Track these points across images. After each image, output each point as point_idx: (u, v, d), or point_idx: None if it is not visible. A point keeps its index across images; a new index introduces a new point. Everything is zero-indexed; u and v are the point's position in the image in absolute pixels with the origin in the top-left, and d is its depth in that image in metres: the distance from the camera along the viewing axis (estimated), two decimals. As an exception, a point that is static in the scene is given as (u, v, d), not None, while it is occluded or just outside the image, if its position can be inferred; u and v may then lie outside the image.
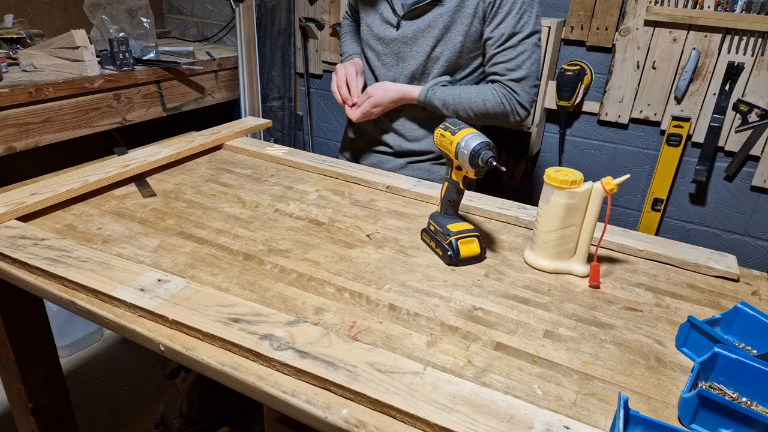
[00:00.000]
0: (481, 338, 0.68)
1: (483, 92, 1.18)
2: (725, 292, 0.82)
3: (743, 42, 1.58)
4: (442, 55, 1.19)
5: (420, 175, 1.29)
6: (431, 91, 1.19)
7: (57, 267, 0.73)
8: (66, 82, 1.59)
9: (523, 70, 1.15)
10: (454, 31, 1.16)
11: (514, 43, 1.14)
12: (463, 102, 1.19)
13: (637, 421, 0.53)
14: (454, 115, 1.20)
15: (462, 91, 1.19)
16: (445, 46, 1.18)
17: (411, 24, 1.19)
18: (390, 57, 1.25)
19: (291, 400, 0.56)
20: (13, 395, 1.01)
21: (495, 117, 1.20)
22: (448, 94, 1.19)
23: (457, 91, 1.19)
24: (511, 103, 1.18)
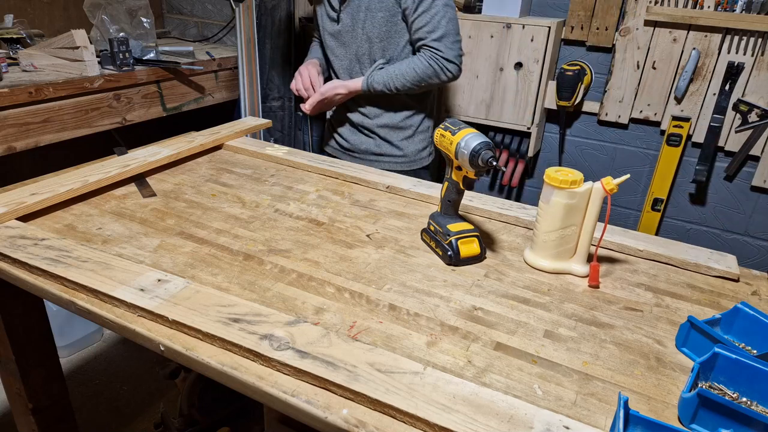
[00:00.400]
0: (481, 338, 0.68)
1: (412, 62, 1.33)
2: (725, 292, 0.82)
3: (743, 42, 1.58)
4: (372, 33, 1.35)
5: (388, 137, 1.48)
6: (370, 79, 1.36)
7: (57, 267, 0.73)
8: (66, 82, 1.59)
9: (440, 29, 1.29)
10: (374, 9, 1.32)
11: (426, 7, 1.28)
12: (399, 77, 1.33)
13: (637, 421, 0.53)
14: (397, 91, 1.36)
15: (395, 68, 1.34)
16: (372, 24, 1.34)
17: (346, 13, 1.37)
18: (340, 48, 1.43)
19: (291, 400, 0.56)
20: (13, 395, 1.01)
21: (430, 79, 1.33)
22: (385, 75, 1.34)
23: (391, 69, 1.34)
24: (438, 62, 1.31)
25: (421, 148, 1.50)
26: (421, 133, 1.49)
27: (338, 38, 1.42)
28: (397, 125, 1.46)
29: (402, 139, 1.47)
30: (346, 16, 1.38)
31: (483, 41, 1.81)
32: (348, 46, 1.41)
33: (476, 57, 1.84)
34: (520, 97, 1.83)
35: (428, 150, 1.53)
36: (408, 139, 1.47)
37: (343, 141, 1.53)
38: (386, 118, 1.45)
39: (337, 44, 1.44)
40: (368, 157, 1.50)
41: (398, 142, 1.47)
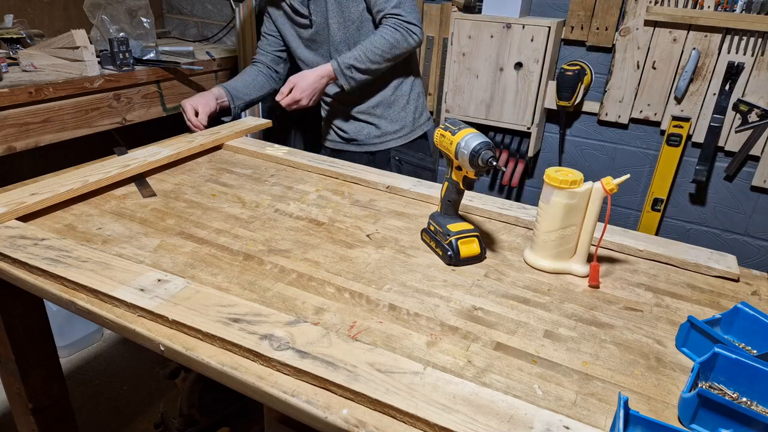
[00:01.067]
0: (481, 338, 0.68)
1: (378, 33, 1.35)
2: (725, 292, 0.82)
3: (743, 42, 1.58)
4: (347, 19, 1.37)
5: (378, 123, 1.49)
6: (341, 59, 1.34)
7: (57, 267, 0.73)
8: (66, 82, 1.59)
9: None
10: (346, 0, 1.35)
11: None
12: (370, 49, 1.33)
13: (637, 421, 0.53)
14: (370, 64, 1.34)
15: (363, 43, 1.34)
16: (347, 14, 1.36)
17: (316, 12, 1.39)
18: (322, 48, 1.44)
19: (291, 400, 0.56)
20: (13, 395, 1.01)
21: (399, 47, 1.34)
22: (357, 51, 1.34)
23: (360, 46, 1.34)
24: (403, 29, 1.33)
25: (418, 116, 1.52)
26: (414, 99, 1.51)
27: (315, 37, 1.42)
28: (390, 99, 1.47)
29: (398, 111, 1.48)
30: (316, 14, 1.38)
31: (483, 41, 1.81)
32: (326, 41, 1.41)
33: (476, 57, 1.84)
34: (520, 97, 1.83)
35: (425, 116, 1.55)
36: (404, 109, 1.49)
37: (343, 133, 1.53)
38: (379, 97, 1.46)
39: (315, 44, 1.44)
40: (371, 141, 1.50)
41: (396, 115, 1.49)
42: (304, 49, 1.47)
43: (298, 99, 1.33)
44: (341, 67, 1.33)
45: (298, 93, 1.33)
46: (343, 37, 1.39)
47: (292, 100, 1.33)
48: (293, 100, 1.33)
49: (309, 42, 1.45)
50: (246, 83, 1.51)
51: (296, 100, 1.33)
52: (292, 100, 1.33)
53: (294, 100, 1.33)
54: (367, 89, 1.43)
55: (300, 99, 1.33)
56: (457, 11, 1.87)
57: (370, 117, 1.49)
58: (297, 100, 1.33)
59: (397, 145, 1.51)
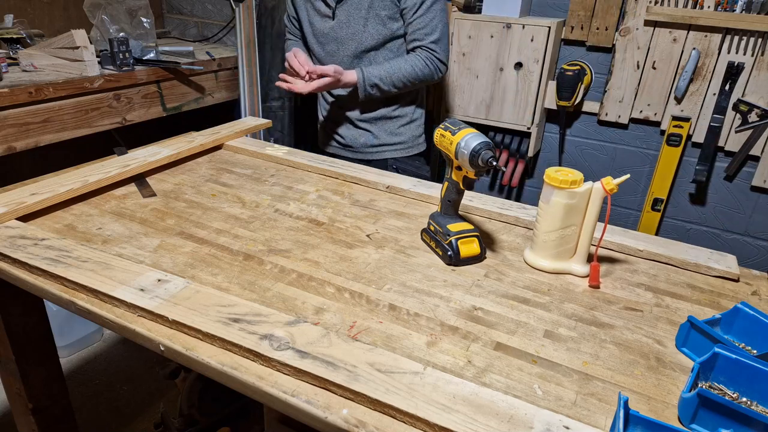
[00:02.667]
0: (481, 338, 0.68)
1: (410, 60, 1.36)
2: (725, 292, 0.82)
3: (743, 42, 1.58)
4: (374, 31, 1.36)
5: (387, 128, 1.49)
6: (367, 74, 1.35)
7: (57, 267, 0.73)
8: (66, 82, 1.59)
9: (437, 32, 1.35)
10: (377, 8, 1.34)
11: (424, 11, 1.33)
12: (397, 75, 1.35)
13: (637, 421, 0.53)
14: (392, 88, 1.37)
15: (392, 64, 1.36)
16: (374, 22, 1.36)
17: (342, 9, 1.37)
18: (332, 44, 1.42)
19: (291, 400, 0.56)
20: (13, 395, 1.01)
21: (425, 79, 1.38)
22: (382, 71, 1.35)
23: (388, 66, 1.36)
24: (433, 63, 1.37)
25: (417, 135, 1.53)
26: (417, 120, 1.52)
27: (332, 34, 1.41)
28: (392, 114, 1.47)
29: (399, 126, 1.49)
30: (342, 13, 1.38)
31: (483, 41, 1.80)
32: (344, 43, 1.40)
33: (476, 57, 1.84)
34: (520, 97, 1.83)
35: (424, 137, 1.56)
36: (405, 126, 1.49)
37: (341, 138, 1.53)
38: (382, 110, 1.47)
39: (330, 41, 1.42)
40: (367, 150, 1.51)
41: (395, 129, 1.49)
42: (315, 41, 1.46)
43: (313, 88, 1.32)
44: (366, 83, 1.34)
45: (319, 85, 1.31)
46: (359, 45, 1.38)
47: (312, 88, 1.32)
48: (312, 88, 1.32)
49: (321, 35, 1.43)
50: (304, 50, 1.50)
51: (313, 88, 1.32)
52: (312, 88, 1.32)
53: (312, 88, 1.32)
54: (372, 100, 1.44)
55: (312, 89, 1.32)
56: (457, 11, 1.87)
57: (369, 125, 1.49)
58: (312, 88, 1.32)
59: (392, 157, 1.51)
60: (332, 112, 1.53)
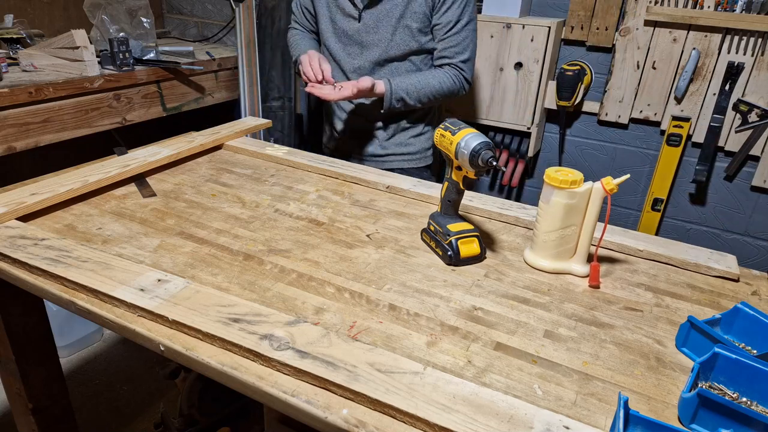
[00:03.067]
0: (481, 338, 0.68)
1: (438, 76, 1.34)
2: (725, 292, 0.82)
3: (743, 42, 1.58)
4: (401, 41, 1.32)
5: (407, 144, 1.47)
6: (395, 87, 1.31)
7: (57, 267, 0.72)
8: (66, 82, 1.59)
9: (467, 52, 1.34)
10: (408, 19, 1.30)
11: (458, 30, 1.31)
12: (425, 88, 1.32)
13: (637, 421, 0.53)
14: (417, 103, 1.34)
15: (420, 79, 1.33)
16: (402, 32, 1.32)
17: (371, 14, 1.32)
18: (354, 47, 1.37)
19: (291, 400, 0.56)
20: (13, 395, 1.01)
21: (449, 95, 1.37)
22: (409, 84, 1.32)
23: (415, 79, 1.32)
24: (460, 81, 1.36)
25: (427, 147, 1.50)
26: (427, 132, 1.49)
27: (354, 37, 1.36)
28: (404, 126, 1.45)
29: (410, 137, 1.46)
30: (370, 17, 1.32)
31: (483, 41, 1.80)
32: (368, 48, 1.35)
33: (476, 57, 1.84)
34: (520, 97, 1.83)
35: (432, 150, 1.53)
36: (415, 137, 1.47)
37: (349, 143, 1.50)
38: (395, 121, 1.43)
39: (352, 42, 1.37)
40: (374, 158, 1.48)
41: (406, 140, 1.46)
42: (335, 39, 1.39)
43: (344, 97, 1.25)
44: (392, 96, 1.30)
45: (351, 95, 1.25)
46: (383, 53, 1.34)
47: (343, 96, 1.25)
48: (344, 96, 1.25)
49: (344, 35, 1.37)
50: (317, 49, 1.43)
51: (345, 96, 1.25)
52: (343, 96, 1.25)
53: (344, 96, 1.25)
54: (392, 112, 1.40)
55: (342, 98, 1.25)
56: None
57: (378, 132, 1.45)
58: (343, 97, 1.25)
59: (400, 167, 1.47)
60: (345, 117, 1.49)
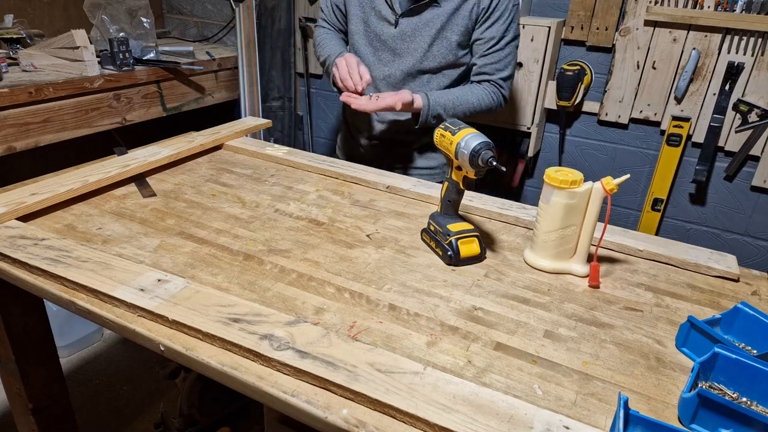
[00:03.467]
0: (481, 338, 0.68)
1: (476, 93, 1.27)
2: (725, 292, 0.82)
3: (743, 42, 1.58)
4: (438, 53, 1.26)
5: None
6: (433, 103, 1.22)
7: (57, 267, 0.72)
8: (66, 82, 1.59)
9: (508, 69, 1.28)
10: (449, 31, 1.24)
11: (501, 46, 1.25)
12: (462, 105, 1.26)
13: (637, 421, 0.53)
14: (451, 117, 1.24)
15: (458, 94, 1.26)
16: (441, 44, 1.25)
17: (409, 21, 1.25)
18: (386, 53, 1.30)
19: (291, 400, 0.56)
20: (13, 395, 1.01)
21: (487, 112, 1.31)
22: (446, 99, 1.25)
23: (454, 95, 1.26)
24: (498, 98, 1.29)
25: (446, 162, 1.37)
26: None
27: (388, 43, 1.27)
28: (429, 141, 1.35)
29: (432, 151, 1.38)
30: (407, 25, 1.24)
31: (483, 41, 1.80)
32: (401, 56, 1.27)
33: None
34: (520, 97, 1.83)
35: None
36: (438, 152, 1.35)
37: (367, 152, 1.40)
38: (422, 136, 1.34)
39: (385, 48, 1.28)
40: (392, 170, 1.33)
41: (429, 153, 1.38)
42: (365, 43, 1.30)
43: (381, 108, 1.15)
44: (429, 112, 1.22)
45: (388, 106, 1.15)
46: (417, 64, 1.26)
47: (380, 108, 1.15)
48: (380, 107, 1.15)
49: (376, 40, 1.28)
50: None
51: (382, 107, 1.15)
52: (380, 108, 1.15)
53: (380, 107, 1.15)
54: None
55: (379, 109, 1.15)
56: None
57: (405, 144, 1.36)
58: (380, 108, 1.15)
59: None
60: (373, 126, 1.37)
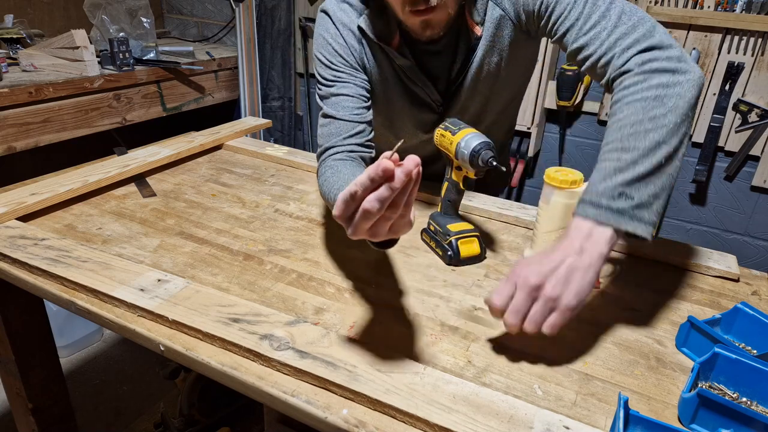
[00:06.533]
0: (481, 338, 0.67)
1: (624, 104, 0.68)
2: (725, 292, 0.82)
3: (743, 42, 1.58)
4: (491, 110, 0.97)
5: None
6: (595, 194, 0.64)
7: (57, 267, 0.72)
8: (66, 82, 1.59)
9: (640, 38, 0.70)
10: (502, 86, 0.93)
11: (596, 19, 0.72)
12: (628, 135, 0.65)
13: (637, 421, 0.53)
14: (647, 164, 0.63)
15: (614, 134, 0.67)
16: (494, 102, 0.95)
17: (452, 101, 0.93)
18: (428, 135, 0.98)
19: (291, 400, 0.56)
20: (13, 395, 1.01)
21: (689, 109, 0.66)
22: (612, 152, 0.66)
23: (612, 142, 0.67)
24: (668, 76, 0.67)
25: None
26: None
27: (430, 126, 0.96)
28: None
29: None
30: (451, 104, 0.93)
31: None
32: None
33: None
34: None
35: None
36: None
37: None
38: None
39: (425, 133, 0.99)
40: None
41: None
42: (411, 128, 0.98)
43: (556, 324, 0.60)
44: (610, 208, 0.62)
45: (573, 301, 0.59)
46: (479, 123, 0.97)
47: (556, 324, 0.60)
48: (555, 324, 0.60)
49: (419, 124, 0.98)
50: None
51: (564, 319, 0.60)
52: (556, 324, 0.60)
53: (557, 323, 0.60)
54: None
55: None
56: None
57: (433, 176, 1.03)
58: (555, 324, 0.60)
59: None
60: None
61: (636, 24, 0.71)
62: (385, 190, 0.46)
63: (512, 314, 0.60)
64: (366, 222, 0.49)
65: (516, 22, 0.83)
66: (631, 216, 0.62)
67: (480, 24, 0.84)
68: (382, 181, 0.45)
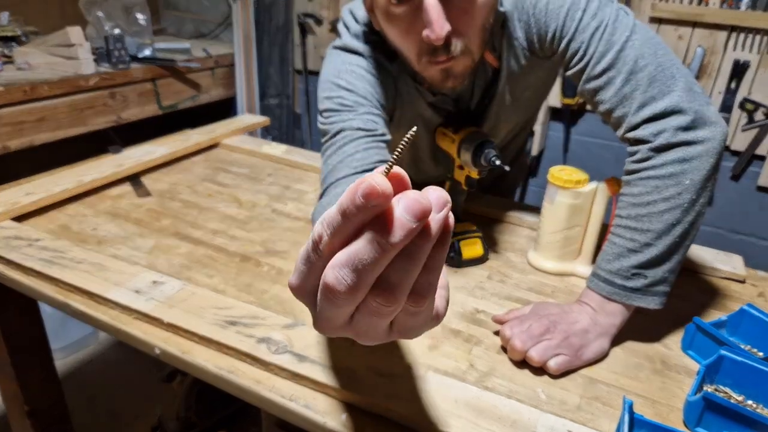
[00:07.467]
0: (484, 341, 0.66)
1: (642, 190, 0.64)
2: (731, 294, 0.81)
3: (749, 40, 1.57)
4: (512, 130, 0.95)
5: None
6: (626, 281, 0.64)
7: (52, 268, 0.71)
8: (61, 81, 1.58)
9: (657, 95, 0.64)
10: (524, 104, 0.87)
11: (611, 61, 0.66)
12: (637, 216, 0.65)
13: (641, 425, 0.52)
14: (659, 241, 0.63)
15: (625, 212, 0.66)
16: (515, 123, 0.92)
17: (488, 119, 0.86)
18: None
19: (289, 404, 0.55)
20: (9, 398, 1.00)
21: (706, 181, 0.63)
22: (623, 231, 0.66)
23: (622, 220, 0.66)
24: (675, 145, 0.63)
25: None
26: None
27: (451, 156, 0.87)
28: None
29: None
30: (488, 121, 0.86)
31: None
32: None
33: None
34: (521, 94, 1.82)
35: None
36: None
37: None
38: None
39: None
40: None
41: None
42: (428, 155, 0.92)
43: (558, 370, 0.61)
44: (624, 287, 0.64)
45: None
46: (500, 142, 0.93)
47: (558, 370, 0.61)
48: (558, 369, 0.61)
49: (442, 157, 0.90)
50: None
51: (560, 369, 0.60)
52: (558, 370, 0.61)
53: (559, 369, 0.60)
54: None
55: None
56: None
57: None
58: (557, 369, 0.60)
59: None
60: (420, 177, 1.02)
61: (653, 75, 0.64)
62: (368, 244, 0.25)
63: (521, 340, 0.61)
64: (332, 309, 0.28)
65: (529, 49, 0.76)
66: (644, 292, 0.65)
67: (496, 55, 0.77)
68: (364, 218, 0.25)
